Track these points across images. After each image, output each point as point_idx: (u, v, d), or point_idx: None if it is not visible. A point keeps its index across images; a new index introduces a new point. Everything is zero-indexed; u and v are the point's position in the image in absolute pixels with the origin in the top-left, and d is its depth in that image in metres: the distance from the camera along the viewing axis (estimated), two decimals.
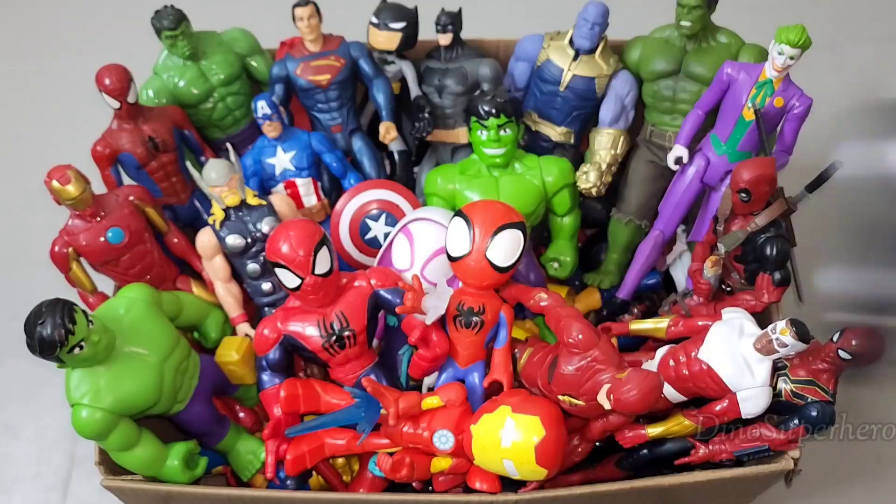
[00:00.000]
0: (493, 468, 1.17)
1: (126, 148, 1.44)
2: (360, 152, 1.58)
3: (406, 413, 1.18)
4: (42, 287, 1.36)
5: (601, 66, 1.50)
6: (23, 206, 2.04)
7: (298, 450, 1.27)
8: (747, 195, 1.26)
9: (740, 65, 1.39)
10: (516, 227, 1.19)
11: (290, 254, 1.17)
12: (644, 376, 1.07)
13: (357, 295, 1.26)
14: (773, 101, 1.35)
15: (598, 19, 1.46)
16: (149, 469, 1.23)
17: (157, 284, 1.40)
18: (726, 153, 1.42)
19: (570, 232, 1.50)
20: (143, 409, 1.20)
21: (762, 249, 1.28)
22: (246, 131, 1.62)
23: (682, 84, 1.49)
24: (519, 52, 1.56)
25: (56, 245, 1.35)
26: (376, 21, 1.53)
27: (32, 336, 1.09)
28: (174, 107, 1.52)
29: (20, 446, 1.73)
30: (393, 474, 1.17)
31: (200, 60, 1.53)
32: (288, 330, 1.26)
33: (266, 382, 1.30)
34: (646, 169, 1.54)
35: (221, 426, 1.34)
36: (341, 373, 1.30)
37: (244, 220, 1.36)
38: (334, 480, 1.37)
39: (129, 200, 1.38)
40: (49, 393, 1.76)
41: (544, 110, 1.56)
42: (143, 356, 1.19)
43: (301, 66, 1.51)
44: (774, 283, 1.29)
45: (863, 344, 1.13)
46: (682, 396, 1.23)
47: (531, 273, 1.44)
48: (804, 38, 1.29)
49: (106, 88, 1.37)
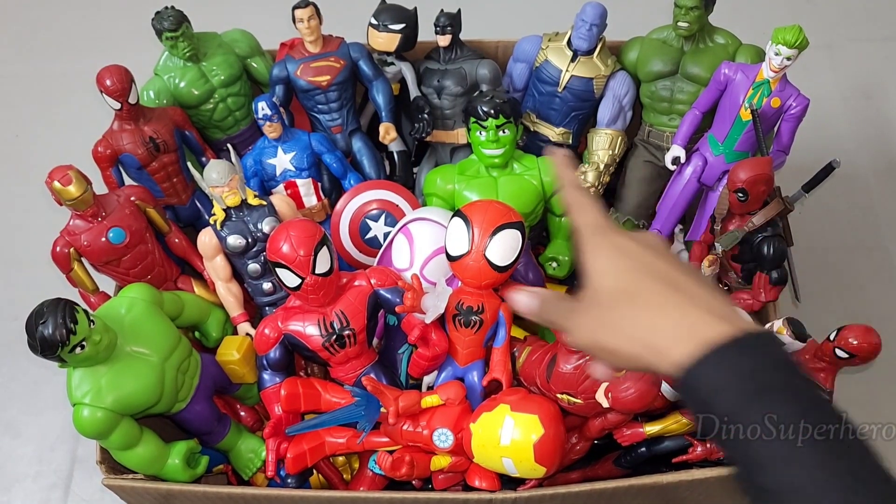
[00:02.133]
0: (493, 466, 1.17)
1: (127, 149, 1.44)
2: (360, 153, 1.58)
3: (406, 411, 1.18)
4: (43, 287, 1.36)
5: (599, 66, 1.50)
6: (24, 206, 2.05)
7: (299, 448, 1.28)
8: (744, 195, 1.27)
9: (737, 65, 1.40)
10: (515, 227, 1.19)
11: (291, 254, 1.17)
12: (642, 375, 1.08)
13: (357, 294, 1.27)
14: (770, 102, 1.36)
15: (597, 20, 1.47)
16: (150, 468, 1.24)
17: (159, 284, 1.40)
18: (723, 153, 1.43)
19: (569, 232, 1.51)
20: (144, 408, 1.20)
21: (759, 249, 1.29)
22: (246, 132, 1.63)
23: (679, 85, 1.49)
24: (517, 53, 1.57)
25: (57, 245, 1.35)
26: (376, 22, 1.54)
27: (34, 336, 1.09)
28: (175, 108, 1.52)
29: (21, 445, 1.73)
30: (393, 472, 1.17)
31: (201, 62, 1.54)
32: (288, 329, 1.26)
33: (267, 381, 1.31)
34: (643, 169, 1.55)
35: (222, 425, 1.35)
36: (341, 371, 1.30)
37: (245, 221, 1.37)
38: (335, 478, 1.38)
39: (131, 201, 1.39)
40: (50, 392, 1.77)
41: (543, 111, 1.57)
42: (145, 356, 1.20)
43: (301, 67, 1.52)
44: (771, 283, 1.29)
45: (860, 342, 1.14)
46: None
47: (530, 272, 1.44)
48: (801, 39, 1.29)
49: (107, 89, 1.38)
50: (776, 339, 0.56)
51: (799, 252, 1.42)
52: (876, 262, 1.90)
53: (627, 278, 0.58)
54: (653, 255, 0.59)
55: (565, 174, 0.68)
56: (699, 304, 0.55)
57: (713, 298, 0.57)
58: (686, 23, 1.43)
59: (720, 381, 0.52)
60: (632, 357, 0.57)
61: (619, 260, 0.59)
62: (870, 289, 1.85)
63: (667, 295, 0.56)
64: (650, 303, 0.56)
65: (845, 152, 1.91)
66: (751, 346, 0.53)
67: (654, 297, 0.56)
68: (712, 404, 0.52)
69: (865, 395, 1.60)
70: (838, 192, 1.93)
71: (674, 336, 0.54)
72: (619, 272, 0.59)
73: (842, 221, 1.96)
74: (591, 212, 0.64)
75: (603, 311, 0.59)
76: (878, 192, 2.02)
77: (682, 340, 0.54)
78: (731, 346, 0.52)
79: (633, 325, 0.56)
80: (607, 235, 0.61)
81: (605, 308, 0.59)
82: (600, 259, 0.60)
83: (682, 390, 0.55)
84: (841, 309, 1.78)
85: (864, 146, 2.10)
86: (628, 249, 0.60)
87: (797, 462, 0.49)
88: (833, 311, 1.71)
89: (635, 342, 0.56)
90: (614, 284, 0.58)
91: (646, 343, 0.56)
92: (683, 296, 0.56)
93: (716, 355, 0.52)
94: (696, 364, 0.53)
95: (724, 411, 0.52)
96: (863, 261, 1.90)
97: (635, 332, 0.56)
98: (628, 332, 0.57)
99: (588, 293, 0.60)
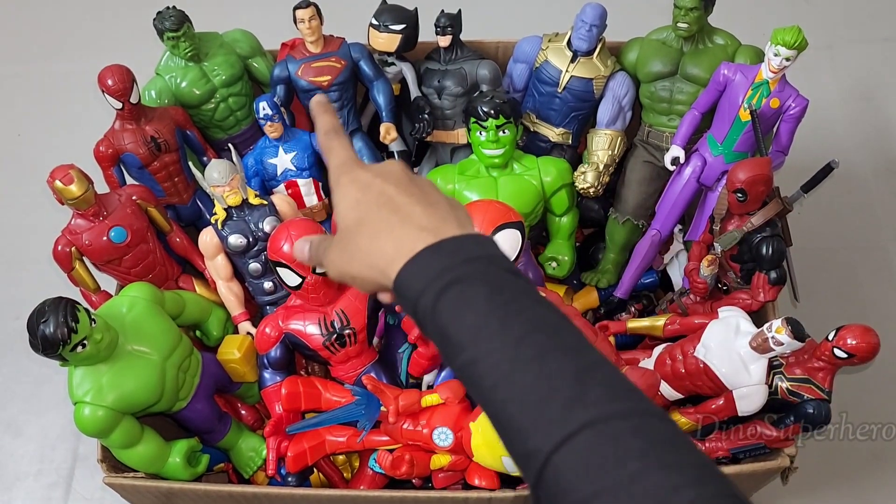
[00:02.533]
0: (492, 465, 1.18)
1: (128, 148, 1.45)
2: (361, 152, 1.58)
3: (406, 410, 1.19)
4: (45, 286, 1.37)
5: (599, 67, 1.51)
6: (26, 205, 2.06)
7: (299, 447, 1.28)
8: (743, 195, 1.27)
9: (737, 66, 1.40)
10: (514, 227, 1.20)
11: (292, 253, 1.18)
12: (641, 375, 1.09)
13: (357, 294, 1.27)
14: (769, 102, 1.36)
15: (596, 21, 1.47)
16: (151, 466, 1.24)
17: (160, 283, 1.41)
18: (722, 154, 1.44)
19: (568, 232, 1.52)
20: (145, 406, 1.21)
21: (758, 249, 1.29)
22: (248, 132, 1.63)
23: (678, 85, 1.50)
24: (518, 53, 1.57)
25: (59, 244, 1.36)
26: (376, 23, 1.54)
27: (35, 334, 1.10)
28: (176, 107, 1.53)
29: (23, 444, 1.74)
30: (393, 471, 1.18)
31: (202, 61, 1.54)
32: (289, 328, 1.27)
33: (267, 380, 1.31)
34: (643, 169, 1.55)
35: (223, 424, 1.35)
36: (342, 371, 1.31)
37: (246, 220, 1.37)
38: (335, 477, 1.38)
39: (132, 200, 1.39)
40: (52, 390, 1.77)
41: (542, 111, 1.57)
42: (146, 354, 1.20)
43: (302, 67, 1.52)
44: (770, 282, 1.30)
45: (858, 342, 1.14)
46: (679, 394, 1.25)
47: (529, 272, 1.45)
48: (800, 40, 1.30)
49: (108, 89, 1.38)
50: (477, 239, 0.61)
51: (798, 252, 1.43)
52: (875, 261, 1.91)
53: (359, 209, 0.63)
54: (383, 181, 0.64)
55: (323, 120, 0.71)
56: (412, 222, 0.61)
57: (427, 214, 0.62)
58: (685, 23, 1.43)
59: (417, 283, 0.58)
60: (369, 280, 0.63)
61: (355, 193, 0.64)
62: (868, 289, 1.86)
63: (387, 219, 0.61)
64: (373, 229, 0.62)
65: (844, 152, 1.91)
66: (447, 250, 0.59)
67: (377, 223, 0.62)
68: (416, 308, 0.59)
69: (865, 395, 1.61)
70: (838, 191, 1.94)
71: (391, 255, 0.60)
72: (353, 204, 0.64)
73: (841, 221, 1.96)
74: (340, 152, 0.68)
75: (345, 242, 0.64)
76: (877, 192, 2.02)
77: (396, 257, 0.60)
78: (425, 252, 0.59)
79: (364, 251, 0.62)
80: (350, 171, 0.66)
81: (346, 240, 0.64)
82: (340, 194, 0.65)
83: (398, 302, 0.61)
84: (840, 309, 1.79)
85: (863, 146, 2.10)
86: (363, 181, 0.64)
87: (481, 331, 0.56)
88: (832, 311, 1.72)
89: (368, 267, 0.62)
90: (350, 216, 0.64)
91: (373, 266, 0.61)
92: (399, 216, 0.61)
93: (412, 262, 0.59)
94: (399, 273, 0.59)
95: (424, 310, 0.58)
96: (862, 261, 1.90)
97: (365, 257, 0.62)
98: (361, 258, 0.62)
99: (337, 228, 0.66)
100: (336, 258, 0.65)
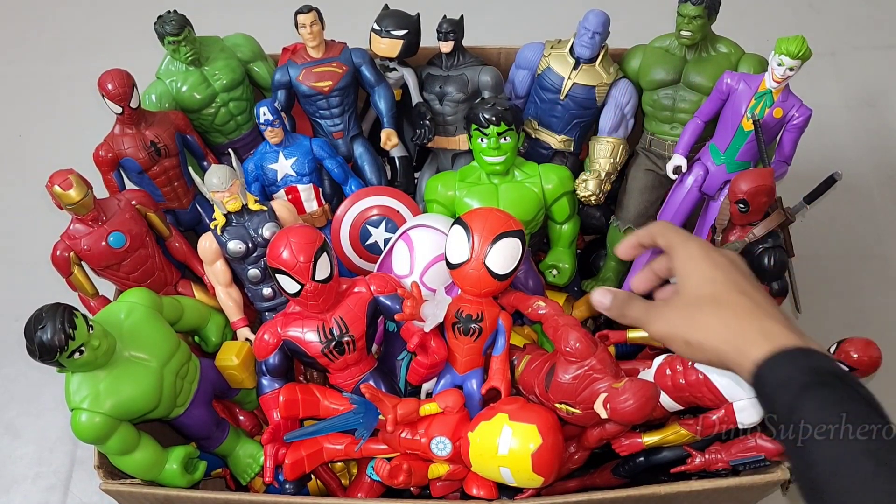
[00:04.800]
0: (490, 475, 1.17)
1: (128, 152, 1.44)
2: (362, 158, 1.58)
3: (404, 419, 1.18)
4: (44, 289, 1.37)
5: (601, 74, 1.50)
6: (25, 208, 2.06)
7: (297, 454, 1.28)
8: (745, 206, 1.27)
9: (740, 75, 1.39)
10: (515, 236, 1.19)
11: (291, 260, 1.17)
12: (641, 386, 1.08)
13: (357, 301, 1.27)
14: (772, 112, 1.36)
15: (599, 28, 1.46)
16: (148, 473, 1.24)
17: (159, 289, 1.41)
18: (725, 163, 1.43)
19: (569, 239, 1.51)
20: (142, 413, 1.20)
21: (760, 260, 1.28)
22: (248, 136, 1.63)
23: (681, 94, 1.49)
24: (520, 59, 1.56)
25: (57, 249, 1.35)
26: (378, 28, 1.54)
27: (32, 341, 1.09)
28: (177, 112, 1.52)
29: (21, 447, 1.74)
30: (390, 480, 1.17)
31: (203, 66, 1.54)
32: (288, 335, 1.26)
33: (266, 387, 1.31)
34: (645, 177, 1.55)
35: (221, 430, 1.35)
36: (340, 378, 1.30)
37: (245, 226, 1.37)
38: (333, 484, 1.38)
39: (131, 205, 1.39)
40: (50, 394, 1.77)
41: (544, 118, 1.56)
42: (143, 361, 1.20)
43: (303, 72, 1.52)
44: (772, 294, 1.29)
45: (860, 355, 1.13)
46: (679, 405, 1.24)
47: (530, 280, 1.44)
48: (804, 50, 1.29)
49: (108, 93, 1.38)
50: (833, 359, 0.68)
51: (800, 261, 1.42)
52: (877, 271, 1.90)
53: (717, 288, 0.73)
54: (738, 271, 0.75)
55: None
56: (776, 318, 0.70)
57: (784, 317, 0.71)
58: (689, 31, 1.43)
59: (784, 375, 0.65)
60: (713, 351, 0.71)
61: (712, 271, 0.74)
62: (871, 299, 1.85)
63: (750, 307, 0.71)
64: (737, 311, 0.71)
65: (848, 161, 1.91)
66: (814, 355, 0.67)
67: (741, 307, 0.71)
68: (775, 397, 0.65)
69: None
70: (840, 201, 1.93)
71: (754, 339, 0.68)
72: (711, 281, 0.73)
73: (844, 231, 1.96)
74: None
75: (692, 310, 0.73)
76: (880, 201, 2.01)
77: (761, 343, 0.68)
78: (798, 351, 0.67)
79: (721, 326, 0.70)
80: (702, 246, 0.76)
81: (695, 308, 0.73)
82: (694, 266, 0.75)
83: (754, 383, 0.68)
84: (842, 318, 1.78)
85: (867, 155, 2.09)
86: (719, 263, 0.75)
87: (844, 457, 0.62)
88: (834, 321, 1.71)
89: (720, 340, 0.70)
90: (707, 290, 0.73)
91: (730, 342, 0.69)
92: (763, 309, 0.71)
93: (784, 356, 0.67)
94: (768, 360, 0.67)
95: (785, 402, 0.64)
96: (864, 271, 1.89)
97: (722, 332, 0.70)
98: (715, 331, 0.71)
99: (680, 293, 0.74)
100: (674, 319, 0.74)
